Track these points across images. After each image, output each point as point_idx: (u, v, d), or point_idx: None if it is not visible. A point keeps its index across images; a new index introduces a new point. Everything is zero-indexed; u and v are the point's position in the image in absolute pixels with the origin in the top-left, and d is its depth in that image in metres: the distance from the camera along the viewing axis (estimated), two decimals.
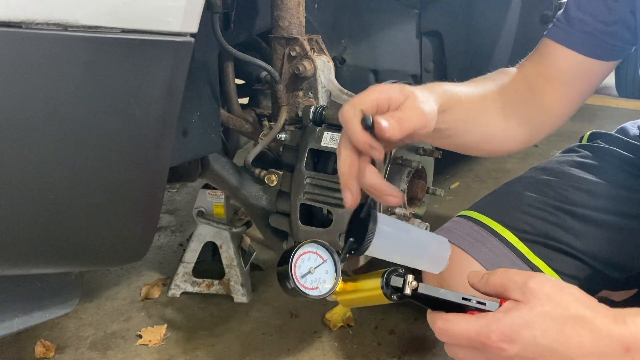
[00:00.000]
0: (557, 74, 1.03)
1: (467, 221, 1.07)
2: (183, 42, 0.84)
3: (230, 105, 1.33)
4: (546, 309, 0.63)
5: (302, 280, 0.75)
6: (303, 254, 0.75)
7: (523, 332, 0.63)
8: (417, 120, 0.78)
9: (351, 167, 0.78)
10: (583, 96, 1.06)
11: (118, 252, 0.97)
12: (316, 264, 0.76)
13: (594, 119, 3.95)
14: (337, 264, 0.76)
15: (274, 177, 1.18)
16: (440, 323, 0.67)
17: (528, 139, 1.06)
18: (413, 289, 0.69)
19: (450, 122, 0.91)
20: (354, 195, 0.78)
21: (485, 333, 0.63)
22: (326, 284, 0.76)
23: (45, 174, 0.78)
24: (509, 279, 0.66)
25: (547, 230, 1.04)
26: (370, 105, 0.76)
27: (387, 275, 0.70)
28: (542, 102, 1.04)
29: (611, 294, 1.17)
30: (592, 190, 1.08)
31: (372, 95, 0.77)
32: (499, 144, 1.04)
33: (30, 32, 0.70)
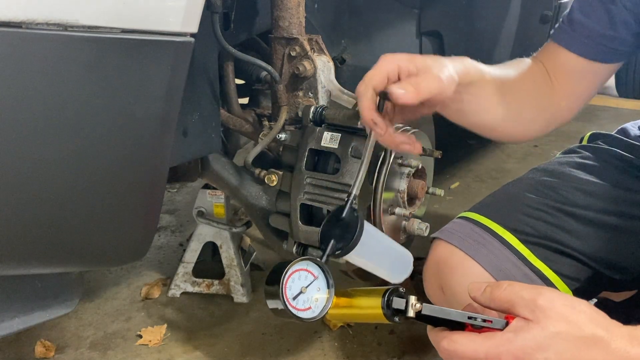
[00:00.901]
0: (563, 73, 1.04)
1: (468, 223, 1.06)
2: (183, 42, 0.84)
3: (230, 105, 1.33)
4: (559, 329, 0.61)
5: (294, 302, 0.72)
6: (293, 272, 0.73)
7: (536, 354, 0.60)
8: (433, 85, 0.81)
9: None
10: (589, 93, 1.07)
11: (118, 252, 0.97)
12: (307, 282, 0.74)
13: (594, 119, 3.95)
14: (329, 280, 0.74)
15: (274, 177, 1.18)
16: (445, 344, 0.65)
17: (539, 130, 1.07)
18: (417, 312, 0.67)
19: (473, 96, 0.92)
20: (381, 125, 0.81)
21: (494, 355, 0.61)
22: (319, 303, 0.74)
23: (45, 174, 0.78)
24: (515, 294, 0.64)
25: (548, 232, 1.04)
26: (380, 79, 0.81)
27: (389, 296, 0.68)
28: (554, 95, 1.05)
29: (611, 295, 1.17)
30: (593, 191, 1.08)
31: (382, 67, 0.81)
32: (513, 130, 1.05)
33: (30, 32, 0.70)
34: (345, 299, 0.75)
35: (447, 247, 1.04)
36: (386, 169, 1.10)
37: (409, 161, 1.14)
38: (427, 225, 1.17)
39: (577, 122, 3.86)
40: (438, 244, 1.07)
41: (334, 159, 1.12)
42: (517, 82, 1.03)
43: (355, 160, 1.09)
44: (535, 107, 1.05)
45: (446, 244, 1.04)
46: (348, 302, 0.74)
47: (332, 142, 1.09)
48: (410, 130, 1.18)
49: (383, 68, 0.82)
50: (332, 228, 0.79)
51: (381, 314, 0.68)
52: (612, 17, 0.99)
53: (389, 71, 0.82)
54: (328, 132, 1.11)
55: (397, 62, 0.82)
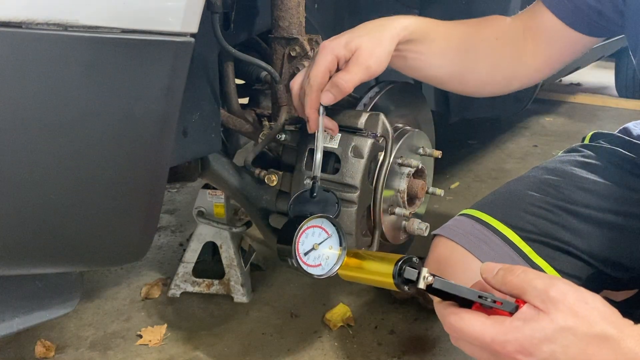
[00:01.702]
0: (541, 32, 1.06)
1: (470, 220, 1.07)
2: (183, 42, 0.84)
3: (230, 105, 1.33)
4: (569, 323, 0.60)
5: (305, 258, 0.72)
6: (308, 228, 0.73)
7: (542, 346, 0.60)
8: (361, 75, 0.93)
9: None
10: (561, 60, 1.10)
11: (118, 252, 0.97)
12: (320, 240, 0.73)
13: (594, 119, 3.95)
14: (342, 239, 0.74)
15: (274, 177, 1.18)
16: (453, 320, 0.64)
17: (498, 87, 1.13)
18: (428, 284, 0.65)
19: (416, 53, 1.02)
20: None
21: (500, 342, 0.61)
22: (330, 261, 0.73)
23: (45, 174, 0.78)
24: (528, 282, 0.63)
25: (549, 230, 1.04)
26: (323, 77, 0.93)
27: (401, 265, 0.67)
28: (521, 55, 1.08)
29: (612, 294, 1.17)
30: (595, 190, 1.08)
31: (322, 65, 0.93)
32: (466, 85, 1.12)
33: (30, 32, 0.70)
34: (356, 261, 0.74)
35: (448, 244, 1.04)
36: (386, 169, 1.10)
37: (409, 161, 1.14)
38: (427, 225, 1.17)
39: (577, 122, 3.86)
40: (439, 240, 1.07)
41: (334, 158, 1.12)
42: (478, 39, 1.07)
43: (356, 160, 1.09)
44: (493, 64, 1.08)
45: (447, 240, 1.05)
46: (359, 263, 0.73)
47: (332, 142, 1.09)
48: (410, 130, 1.18)
49: (323, 65, 0.93)
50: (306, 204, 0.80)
51: (391, 282, 0.67)
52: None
53: (329, 65, 0.93)
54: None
55: (335, 53, 0.93)
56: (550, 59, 1.09)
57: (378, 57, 0.94)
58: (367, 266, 0.72)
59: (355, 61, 0.93)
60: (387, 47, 0.96)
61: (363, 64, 0.93)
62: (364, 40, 0.94)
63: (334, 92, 0.93)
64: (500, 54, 1.08)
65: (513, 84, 1.12)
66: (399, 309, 1.76)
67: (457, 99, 2.02)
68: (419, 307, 1.75)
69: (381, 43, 0.95)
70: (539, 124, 3.79)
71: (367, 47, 0.93)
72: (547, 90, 4.39)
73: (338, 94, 0.93)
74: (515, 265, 0.66)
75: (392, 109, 1.20)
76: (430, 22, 1.03)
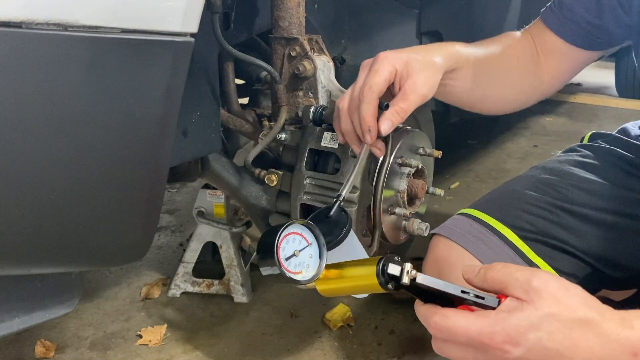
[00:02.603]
0: (547, 51, 1.10)
1: (468, 219, 1.07)
2: (183, 42, 0.84)
3: (230, 105, 1.33)
4: (552, 310, 0.61)
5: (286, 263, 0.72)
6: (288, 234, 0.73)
7: (529, 334, 0.61)
8: (417, 104, 0.93)
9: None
10: (572, 73, 1.14)
11: (118, 252, 0.97)
12: (301, 247, 0.73)
13: (594, 119, 3.95)
14: (322, 248, 0.74)
15: (274, 177, 1.18)
16: (437, 319, 0.64)
17: (520, 104, 1.16)
18: (411, 279, 0.64)
19: (455, 80, 1.02)
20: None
21: (488, 333, 0.61)
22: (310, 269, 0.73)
23: (45, 174, 0.78)
24: (509, 275, 0.64)
25: (547, 229, 1.04)
26: (383, 86, 0.91)
27: (384, 262, 0.66)
28: (537, 72, 1.12)
29: (610, 294, 1.17)
30: (593, 189, 1.08)
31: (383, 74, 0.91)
32: (493, 105, 1.15)
33: (30, 32, 0.70)
34: (335, 271, 0.72)
35: (447, 243, 1.04)
36: (386, 169, 1.10)
37: (409, 161, 1.14)
38: (427, 225, 1.17)
39: (577, 122, 3.86)
40: (437, 240, 1.07)
41: (334, 159, 1.12)
42: (500, 59, 1.09)
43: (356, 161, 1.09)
44: (516, 83, 1.12)
45: (445, 240, 1.05)
46: (338, 273, 0.72)
47: (332, 142, 1.09)
48: (410, 130, 1.18)
49: (385, 73, 0.91)
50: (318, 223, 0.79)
51: (375, 283, 0.66)
52: (601, 5, 1.02)
53: (390, 75, 0.91)
54: (328, 132, 1.11)
55: (395, 66, 0.91)
56: (562, 73, 1.13)
57: (432, 86, 0.94)
58: (348, 273, 0.71)
59: (413, 87, 0.91)
60: (439, 75, 0.95)
61: (420, 92, 0.92)
62: (422, 65, 0.93)
63: (394, 120, 0.90)
64: (522, 73, 1.11)
65: (532, 100, 1.16)
66: (399, 309, 1.76)
67: None
68: None
69: (435, 71, 0.94)
70: (539, 124, 3.79)
71: (424, 73, 0.92)
72: None
73: (396, 123, 0.91)
74: (495, 263, 0.67)
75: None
76: (461, 48, 1.03)
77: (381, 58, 0.92)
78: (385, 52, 0.93)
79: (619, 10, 1.01)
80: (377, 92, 0.90)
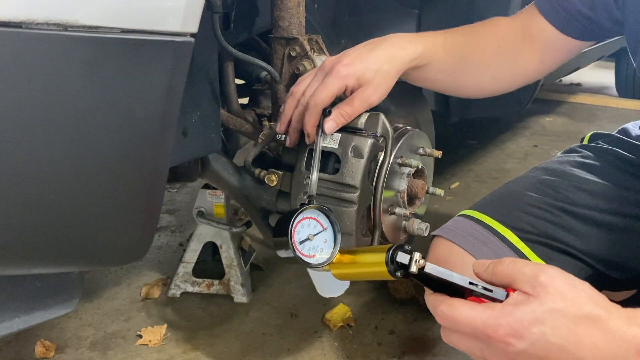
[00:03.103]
0: (538, 36, 1.10)
1: (469, 220, 1.07)
2: (183, 42, 0.84)
3: (230, 105, 1.33)
4: (558, 305, 0.61)
5: (300, 247, 0.73)
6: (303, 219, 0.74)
7: (533, 328, 0.61)
8: (363, 110, 1.01)
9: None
10: (557, 62, 1.15)
11: (118, 252, 0.97)
12: (315, 232, 0.74)
13: (594, 119, 3.95)
14: (337, 234, 0.75)
15: (274, 177, 1.18)
16: (444, 307, 0.65)
17: (501, 88, 1.18)
18: (420, 268, 0.65)
19: (428, 72, 1.08)
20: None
21: (492, 326, 0.61)
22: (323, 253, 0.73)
23: (45, 174, 0.78)
24: (517, 269, 0.64)
25: (548, 231, 1.04)
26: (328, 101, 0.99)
27: (394, 251, 0.66)
28: (519, 60, 1.12)
29: (611, 295, 1.17)
30: (594, 190, 1.08)
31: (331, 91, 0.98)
32: (471, 90, 1.19)
33: (30, 32, 0.70)
34: (349, 256, 0.74)
35: (447, 245, 1.04)
36: (386, 169, 1.10)
37: (409, 161, 1.14)
38: (427, 225, 1.16)
39: (577, 122, 3.86)
40: (438, 241, 1.07)
41: (334, 158, 1.12)
42: (479, 50, 1.12)
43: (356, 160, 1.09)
44: (494, 71, 1.13)
45: (446, 241, 1.05)
46: (352, 259, 0.73)
47: (332, 142, 1.09)
48: (410, 130, 1.18)
49: (332, 92, 0.99)
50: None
51: (384, 270, 0.67)
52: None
53: (338, 92, 0.99)
54: None
55: (346, 83, 0.99)
56: (547, 61, 1.13)
57: (382, 94, 1.01)
58: (360, 259, 0.73)
59: (361, 96, 1.00)
60: (392, 82, 1.02)
61: (367, 101, 1.00)
62: (375, 76, 1.00)
63: (338, 121, 1.00)
64: (501, 61, 1.13)
65: (512, 86, 1.17)
66: (399, 309, 1.76)
67: (457, 99, 2.02)
68: (419, 308, 1.75)
69: (387, 80, 1.01)
70: (539, 124, 3.79)
71: (375, 83, 1.00)
72: (547, 90, 4.39)
73: (340, 124, 1.00)
74: (504, 257, 0.67)
75: (392, 109, 1.20)
76: (435, 41, 1.08)
77: (335, 72, 0.99)
78: (344, 61, 1.00)
79: (612, 4, 1.01)
80: (322, 107, 0.98)
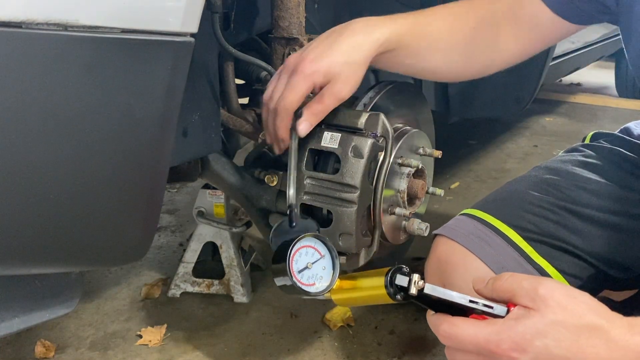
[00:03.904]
0: (524, 17, 1.05)
1: (471, 220, 1.07)
2: (183, 42, 0.84)
3: (230, 105, 1.33)
4: (559, 317, 0.61)
5: (299, 275, 0.73)
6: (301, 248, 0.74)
7: (535, 341, 0.61)
8: (333, 106, 0.98)
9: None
10: (542, 45, 1.10)
11: (118, 252, 0.97)
12: (314, 260, 0.74)
13: (594, 119, 3.95)
14: (335, 260, 0.75)
15: (274, 177, 1.18)
16: (446, 327, 0.65)
17: (475, 73, 1.14)
18: (419, 289, 0.66)
19: (398, 57, 1.04)
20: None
21: (495, 341, 0.62)
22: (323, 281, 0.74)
23: (45, 174, 0.78)
24: (516, 284, 0.64)
25: (550, 230, 1.04)
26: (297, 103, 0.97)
27: (392, 274, 0.67)
28: (498, 41, 1.07)
29: (612, 294, 1.17)
30: (596, 190, 1.08)
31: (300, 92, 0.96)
32: (445, 75, 1.17)
33: (30, 32, 0.70)
34: (349, 282, 0.74)
35: (449, 244, 1.04)
36: (386, 169, 1.10)
37: (409, 161, 1.14)
38: (427, 225, 1.16)
39: (577, 122, 3.86)
40: (440, 240, 1.07)
41: (334, 159, 1.12)
42: (453, 33, 1.07)
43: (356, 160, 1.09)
44: (469, 54, 1.09)
45: (448, 240, 1.05)
46: (351, 284, 0.74)
47: (332, 142, 1.09)
48: (410, 130, 1.18)
49: (301, 93, 0.96)
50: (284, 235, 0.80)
51: (384, 293, 0.67)
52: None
53: (306, 92, 0.97)
54: (328, 132, 1.11)
55: (313, 81, 0.96)
56: (530, 43, 1.09)
57: (352, 87, 0.98)
58: (359, 284, 0.73)
59: (330, 91, 0.96)
60: (362, 72, 0.99)
61: (337, 96, 0.97)
62: (343, 69, 0.96)
63: (312, 121, 0.98)
64: (477, 43, 1.08)
65: (491, 69, 1.13)
66: (399, 309, 1.76)
67: (457, 99, 2.02)
68: (419, 308, 1.75)
69: (356, 71, 0.98)
70: (539, 124, 3.79)
71: (344, 77, 0.96)
72: (547, 90, 4.39)
73: (314, 124, 0.98)
74: (503, 273, 0.68)
75: (392, 109, 1.20)
76: (404, 23, 1.04)
77: (300, 71, 0.96)
78: (308, 57, 0.96)
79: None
80: (292, 110, 0.96)
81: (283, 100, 0.96)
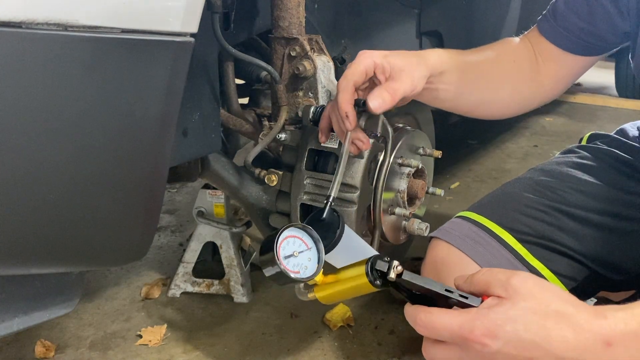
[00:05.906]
0: (545, 57, 1.11)
1: (466, 222, 1.07)
2: (183, 42, 0.84)
3: (230, 105, 1.33)
4: (528, 304, 0.64)
5: (285, 261, 0.75)
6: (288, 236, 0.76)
7: (506, 326, 0.63)
8: (407, 87, 0.93)
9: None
10: (571, 78, 1.15)
11: (118, 252, 0.97)
12: (300, 249, 0.76)
13: (594, 119, 3.95)
14: (321, 253, 0.76)
15: (274, 177, 1.18)
16: (423, 315, 0.67)
17: (518, 108, 1.16)
18: (398, 274, 0.68)
19: (446, 84, 1.03)
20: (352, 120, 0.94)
21: (468, 327, 0.64)
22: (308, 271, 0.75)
23: (45, 174, 0.78)
24: (492, 276, 0.67)
25: (545, 232, 1.04)
26: (359, 75, 0.93)
27: (373, 260, 0.70)
28: (536, 75, 1.12)
29: (610, 295, 1.17)
30: (590, 192, 1.08)
31: (361, 64, 0.93)
32: (490, 110, 1.16)
33: (30, 32, 0.70)
34: (332, 276, 0.77)
35: (445, 246, 1.04)
36: (386, 169, 1.10)
37: (409, 161, 1.14)
38: (427, 225, 1.17)
39: (576, 122, 3.86)
40: (436, 243, 1.07)
41: (334, 159, 1.12)
42: (495, 64, 1.11)
43: (356, 160, 1.09)
44: (514, 87, 1.12)
45: (444, 243, 1.05)
46: (334, 278, 0.76)
47: (332, 142, 1.09)
48: (410, 130, 1.18)
49: (362, 65, 0.93)
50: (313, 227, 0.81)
51: (366, 281, 0.70)
52: (592, 11, 1.02)
53: (367, 67, 0.93)
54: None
55: (373, 59, 0.93)
56: (562, 77, 1.14)
57: (418, 78, 0.95)
58: (342, 276, 0.75)
59: (400, 75, 0.93)
60: (423, 72, 0.97)
61: (408, 78, 0.93)
62: (403, 60, 0.95)
63: (384, 97, 0.90)
64: (519, 77, 1.12)
65: (532, 104, 1.17)
66: (399, 309, 1.76)
67: None
68: None
69: (418, 67, 0.96)
70: (539, 124, 3.79)
71: (406, 67, 0.94)
72: None
73: (387, 100, 0.91)
74: (482, 268, 0.71)
75: (392, 109, 1.20)
76: (454, 53, 1.06)
77: (360, 53, 0.95)
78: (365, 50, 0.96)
79: (614, 18, 1.01)
80: (353, 81, 0.92)
81: (343, 75, 0.93)
